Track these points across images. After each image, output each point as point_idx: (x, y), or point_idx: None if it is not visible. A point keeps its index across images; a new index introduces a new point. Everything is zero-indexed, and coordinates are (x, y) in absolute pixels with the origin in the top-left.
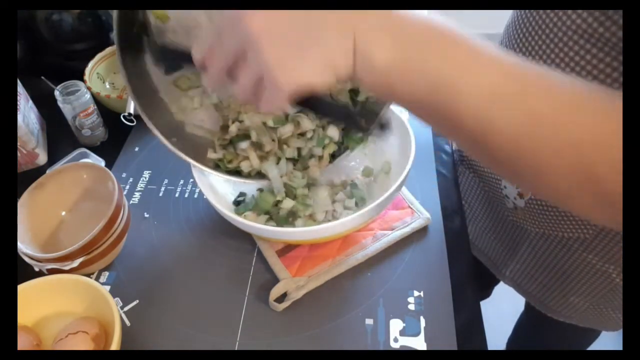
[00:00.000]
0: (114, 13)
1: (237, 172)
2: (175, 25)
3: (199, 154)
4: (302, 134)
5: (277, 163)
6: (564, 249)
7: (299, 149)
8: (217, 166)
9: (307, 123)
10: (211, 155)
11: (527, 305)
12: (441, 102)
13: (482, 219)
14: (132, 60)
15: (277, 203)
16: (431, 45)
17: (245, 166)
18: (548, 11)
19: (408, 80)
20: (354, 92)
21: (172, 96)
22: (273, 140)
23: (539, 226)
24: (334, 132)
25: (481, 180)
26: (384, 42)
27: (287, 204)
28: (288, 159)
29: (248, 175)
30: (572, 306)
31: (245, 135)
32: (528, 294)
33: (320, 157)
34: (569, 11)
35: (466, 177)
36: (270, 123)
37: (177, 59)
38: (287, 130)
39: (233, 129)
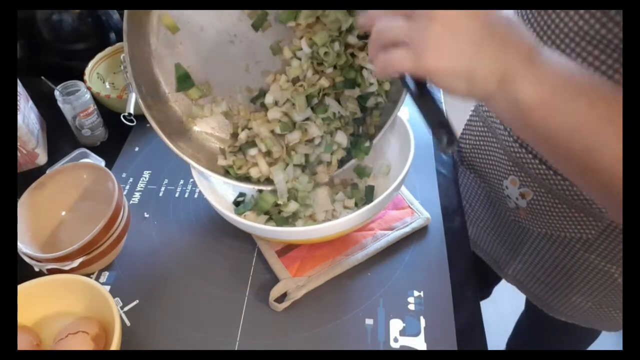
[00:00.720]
0: (124, 24)
1: (246, 179)
2: (184, 35)
3: (210, 161)
4: (310, 141)
5: (285, 168)
6: (566, 249)
7: (306, 156)
8: (227, 172)
9: (315, 130)
10: (221, 161)
11: (528, 305)
12: (576, 147)
13: (484, 219)
14: (142, 68)
15: (277, 204)
16: (577, 92)
17: (254, 172)
18: (550, 13)
19: (547, 119)
20: (362, 98)
21: (182, 104)
22: (282, 147)
23: (541, 226)
24: (342, 138)
25: (482, 181)
26: (530, 79)
27: (292, 207)
28: (296, 165)
29: (257, 182)
30: (574, 306)
31: (254, 142)
32: (530, 293)
33: (329, 163)
34: (571, 13)
35: (467, 177)
36: (278, 130)
37: None
38: (294, 137)
39: (242, 136)
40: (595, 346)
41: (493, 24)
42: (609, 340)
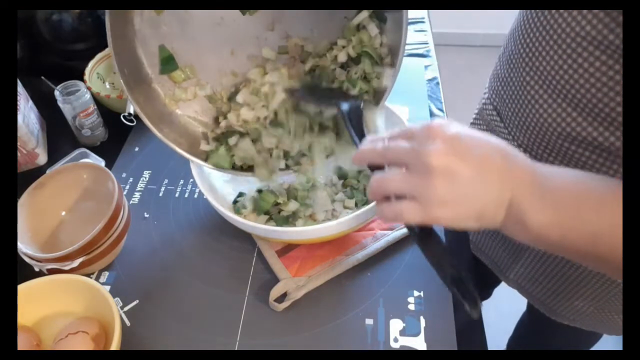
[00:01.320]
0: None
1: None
2: (170, 17)
3: (192, 146)
4: None
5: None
6: None
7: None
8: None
9: (288, 143)
10: (204, 147)
11: (530, 306)
12: (600, 251)
13: None
14: (124, 48)
15: (277, 203)
16: (583, 205)
17: (237, 160)
18: (556, 16)
19: (563, 237)
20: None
21: (165, 86)
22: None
23: None
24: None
25: None
26: (536, 204)
27: (292, 206)
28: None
29: (240, 169)
30: (576, 310)
31: (233, 132)
32: (532, 297)
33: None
34: (578, 16)
35: None
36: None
37: None
38: (271, 142)
39: (223, 124)
40: (598, 347)
41: (488, 157)
42: (611, 341)
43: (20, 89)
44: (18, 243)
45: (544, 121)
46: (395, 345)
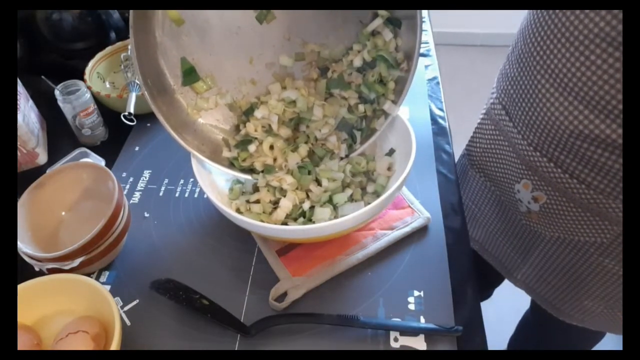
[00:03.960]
0: (130, 16)
1: (251, 170)
2: (189, 27)
3: (215, 153)
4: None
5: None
6: (579, 253)
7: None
8: (231, 164)
9: (303, 151)
10: (226, 153)
11: (534, 305)
12: None
13: (493, 223)
14: (147, 60)
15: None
16: None
17: (259, 165)
18: (568, 14)
19: None
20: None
21: (187, 96)
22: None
23: (554, 230)
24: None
25: (493, 184)
26: None
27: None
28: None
29: (262, 173)
30: (585, 310)
31: (250, 141)
32: (540, 297)
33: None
34: (591, 14)
35: (477, 180)
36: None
37: None
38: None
39: (244, 132)
40: (597, 347)
41: None
42: (610, 341)
43: (20, 88)
44: (18, 243)
45: (555, 119)
46: (395, 345)
